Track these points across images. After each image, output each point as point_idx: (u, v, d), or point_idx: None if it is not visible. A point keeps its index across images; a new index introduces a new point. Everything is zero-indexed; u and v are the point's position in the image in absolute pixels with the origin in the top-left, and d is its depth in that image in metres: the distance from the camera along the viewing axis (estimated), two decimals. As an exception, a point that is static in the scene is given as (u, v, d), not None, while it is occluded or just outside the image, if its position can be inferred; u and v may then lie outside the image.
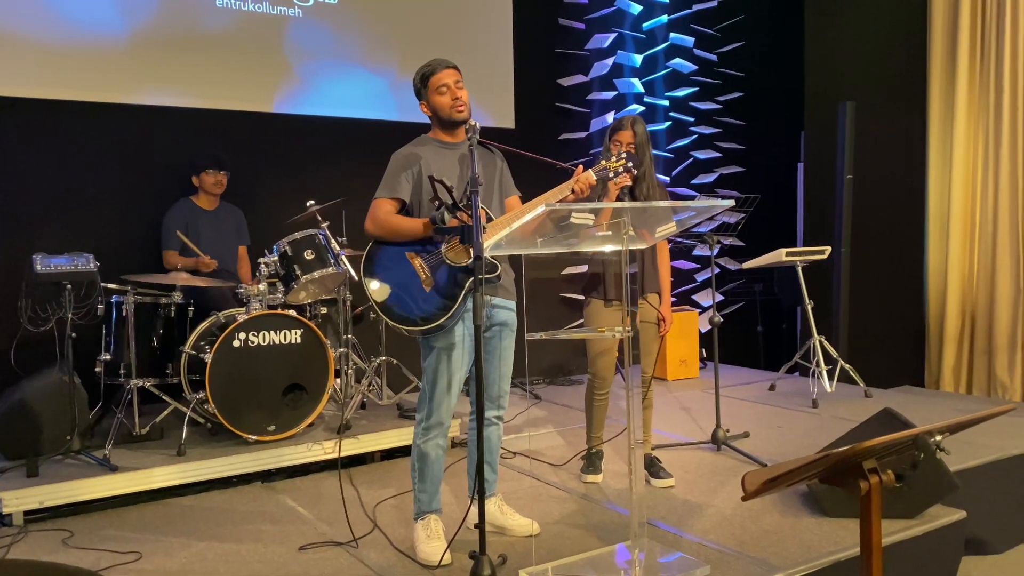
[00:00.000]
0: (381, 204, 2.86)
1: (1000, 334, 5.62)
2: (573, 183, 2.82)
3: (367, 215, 2.87)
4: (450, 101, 2.86)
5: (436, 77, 2.85)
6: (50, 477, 3.46)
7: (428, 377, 2.89)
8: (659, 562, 2.75)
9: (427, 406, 2.89)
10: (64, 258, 3.68)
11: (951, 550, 3.19)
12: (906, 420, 3.21)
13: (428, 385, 2.89)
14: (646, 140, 3.51)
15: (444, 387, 2.86)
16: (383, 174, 2.91)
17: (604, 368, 3.63)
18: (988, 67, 5.70)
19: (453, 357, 2.85)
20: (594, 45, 6.62)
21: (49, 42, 4.63)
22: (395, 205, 2.87)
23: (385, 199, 2.87)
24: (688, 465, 3.91)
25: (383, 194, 2.87)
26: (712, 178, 7.16)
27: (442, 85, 2.85)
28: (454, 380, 2.87)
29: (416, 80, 2.91)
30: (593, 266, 3.60)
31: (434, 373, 2.87)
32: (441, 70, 2.86)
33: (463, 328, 2.86)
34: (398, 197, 2.86)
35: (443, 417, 2.90)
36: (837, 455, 1.72)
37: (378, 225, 2.85)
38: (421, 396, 2.93)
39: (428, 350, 2.88)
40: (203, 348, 3.96)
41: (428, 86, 2.87)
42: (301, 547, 3.01)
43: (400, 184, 2.86)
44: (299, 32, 5.37)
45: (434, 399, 2.87)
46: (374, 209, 2.87)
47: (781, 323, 7.47)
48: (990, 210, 5.70)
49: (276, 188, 5.25)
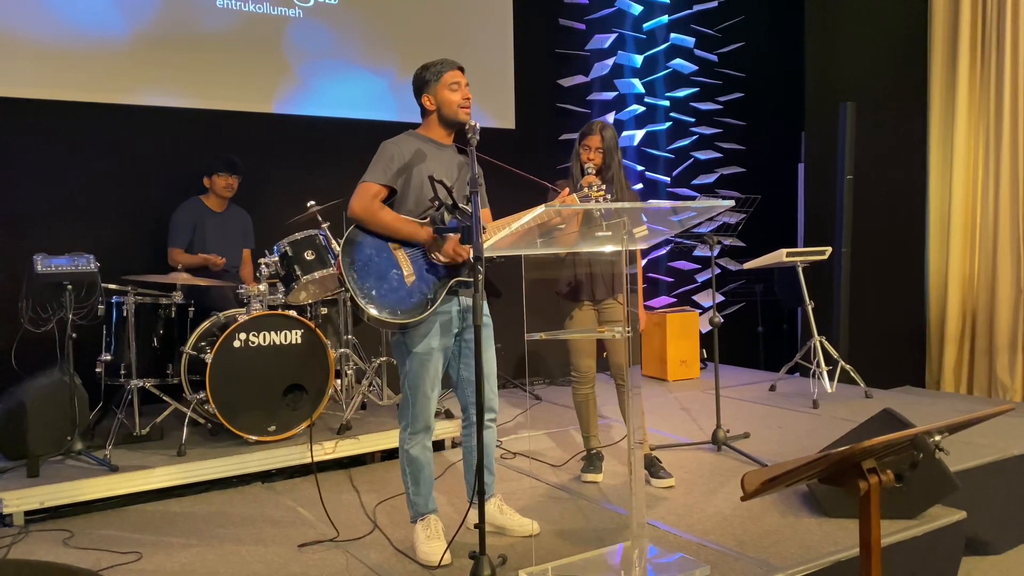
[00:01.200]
0: (369, 188, 2.83)
1: (1001, 334, 5.62)
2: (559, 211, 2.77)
3: (354, 196, 2.83)
4: (460, 99, 2.87)
5: (450, 73, 2.86)
6: (51, 477, 3.46)
7: (409, 382, 2.87)
8: (659, 562, 2.75)
9: (411, 411, 2.88)
10: (64, 258, 3.68)
11: (951, 551, 3.18)
12: (906, 421, 3.21)
13: (409, 391, 2.87)
14: (615, 145, 3.60)
15: (426, 391, 2.86)
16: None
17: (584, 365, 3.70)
18: (989, 68, 5.70)
19: (431, 362, 2.85)
20: (594, 46, 6.62)
21: (50, 43, 4.63)
22: (383, 191, 2.84)
23: (375, 183, 2.83)
24: (688, 465, 3.91)
25: (375, 178, 2.83)
26: (712, 178, 7.16)
27: (454, 82, 2.86)
28: (435, 383, 2.87)
29: (425, 73, 2.89)
30: (566, 268, 3.65)
31: (415, 378, 2.85)
32: (454, 68, 2.88)
33: (439, 330, 2.85)
34: (389, 184, 2.84)
35: (429, 420, 2.90)
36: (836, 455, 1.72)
37: (368, 213, 2.81)
38: (403, 402, 2.91)
39: (406, 356, 2.86)
40: (203, 348, 3.96)
41: (440, 80, 2.86)
42: (300, 545, 3.02)
43: (393, 172, 2.84)
44: (299, 32, 5.38)
45: (417, 404, 2.86)
46: (362, 192, 2.82)
47: (781, 324, 7.47)
48: (991, 210, 5.70)
49: (276, 188, 5.25)
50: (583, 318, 3.66)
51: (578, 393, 3.74)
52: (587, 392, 3.73)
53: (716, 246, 4.21)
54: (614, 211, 2.58)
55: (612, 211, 2.59)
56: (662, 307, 6.77)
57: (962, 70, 5.80)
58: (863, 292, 5.80)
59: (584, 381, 3.72)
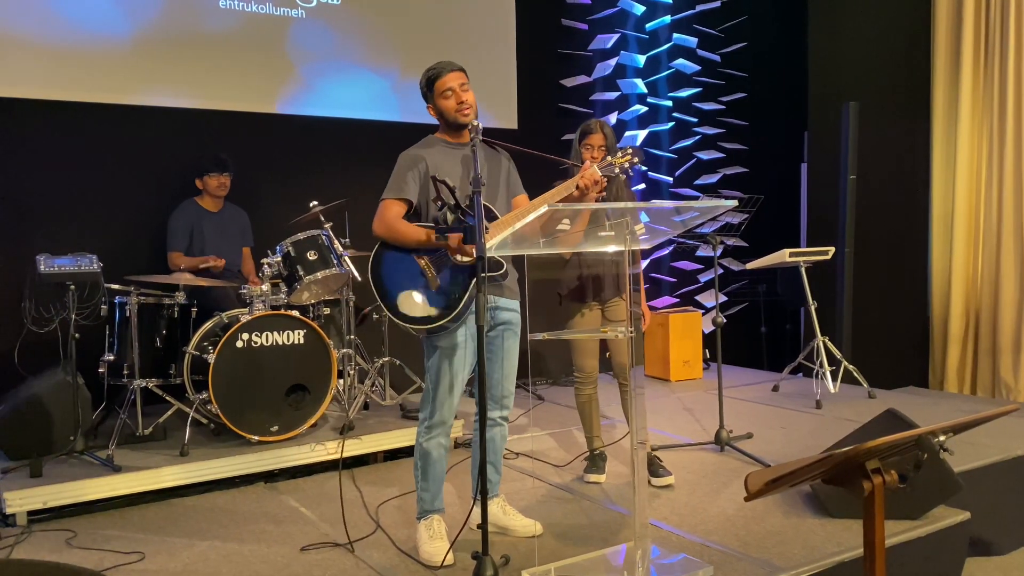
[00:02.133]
0: (389, 206, 2.87)
1: (1004, 335, 5.60)
2: (578, 179, 2.83)
3: (376, 216, 2.88)
4: (455, 105, 2.86)
5: (441, 81, 2.85)
6: (54, 477, 3.46)
7: (431, 377, 2.90)
8: (662, 563, 2.75)
9: (430, 405, 2.90)
10: (68, 259, 3.69)
11: (955, 551, 3.18)
12: (910, 421, 3.20)
13: (431, 385, 2.90)
14: (615, 142, 3.61)
15: (447, 387, 2.87)
16: (390, 174, 2.91)
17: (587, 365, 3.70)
18: (992, 67, 5.68)
19: (455, 358, 2.85)
20: (597, 46, 6.62)
21: (53, 44, 4.64)
22: (403, 206, 2.87)
23: (392, 200, 2.87)
24: (691, 466, 3.90)
25: (390, 195, 2.87)
26: (715, 179, 7.16)
27: (447, 89, 2.85)
28: (457, 380, 2.88)
29: (422, 83, 2.91)
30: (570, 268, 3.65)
31: (437, 373, 2.87)
32: (446, 73, 2.85)
33: (466, 329, 2.86)
34: (405, 198, 2.86)
35: (446, 416, 2.90)
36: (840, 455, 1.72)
37: (386, 228, 2.85)
38: (424, 396, 2.94)
39: (431, 350, 2.89)
40: (206, 348, 3.96)
41: (434, 90, 2.87)
42: (303, 547, 3.01)
43: (407, 185, 2.86)
44: (302, 33, 5.38)
45: (437, 399, 2.88)
46: (382, 211, 2.87)
47: (784, 324, 7.46)
48: (994, 210, 5.68)
49: (279, 189, 5.26)
50: (589, 319, 3.66)
51: (581, 393, 3.74)
52: (590, 392, 3.73)
53: (719, 246, 4.21)
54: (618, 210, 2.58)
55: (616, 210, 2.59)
56: (665, 307, 6.76)
57: (965, 69, 5.78)
58: (866, 292, 5.79)
59: (587, 381, 3.71)
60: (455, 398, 2.90)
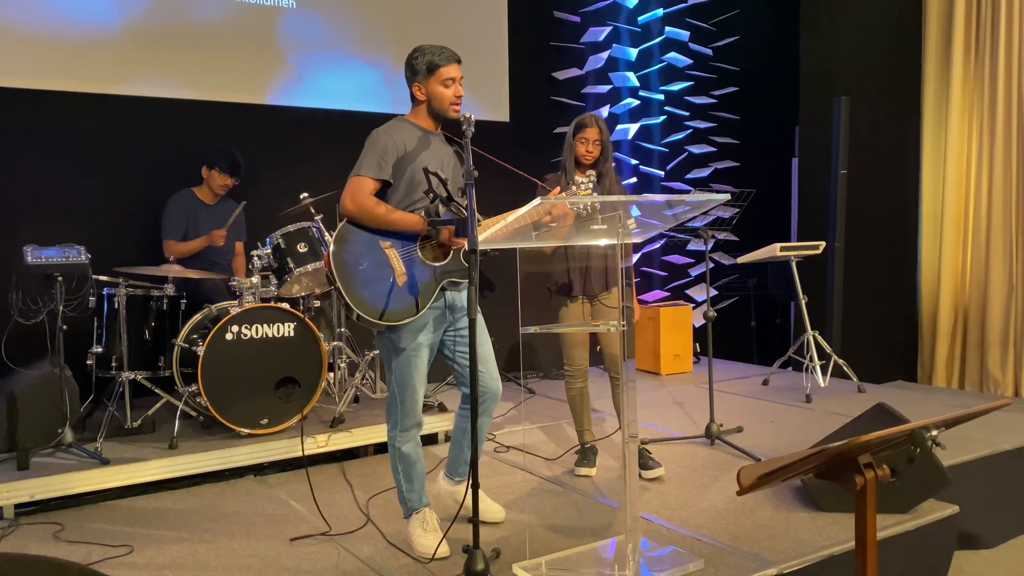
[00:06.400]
0: (364, 183, 2.75)
1: (993, 330, 5.64)
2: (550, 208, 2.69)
3: (346, 192, 2.76)
4: (452, 96, 2.83)
5: (445, 68, 2.81)
6: (41, 470, 3.44)
7: (398, 380, 2.82)
8: (652, 556, 2.75)
9: (400, 408, 2.83)
10: (55, 250, 3.66)
11: (944, 545, 3.20)
12: (900, 415, 3.22)
13: (398, 389, 2.82)
14: (609, 137, 3.63)
15: (415, 387, 2.83)
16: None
17: (578, 358, 3.70)
18: (983, 63, 5.70)
19: (420, 356, 2.81)
20: (589, 39, 6.60)
21: (41, 32, 4.59)
22: (377, 186, 2.78)
23: (369, 179, 2.76)
24: (681, 459, 3.91)
25: (368, 173, 2.76)
26: (707, 173, 7.16)
27: (448, 78, 2.82)
28: (421, 379, 2.83)
29: (418, 62, 2.83)
30: (558, 262, 3.65)
31: (404, 375, 2.81)
32: (450, 63, 2.83)
33: (429, 327, 2.82)
34: (383, 179, 2.78)
35: (419, 416, 2.87)
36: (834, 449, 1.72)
37: (364, 211, 2.74)
38: (391, 403, 2.86)
39: (394, 353, 2.81)
40: (195, 341, 3.94)
41: (434, 74, 2.82)
42: (292, 539, 3.00)
43: (387, 165, 2.78)
44: (293, 23, 5.34)
45: (407, 401, 2.82)
46: (356, 188, 2.74)
47: (775, 318, 7.48)
48: (984, 205, 5.71)
49: (269, 180, 5.22)
50: (576, 312, 3.66)
51: (571, 387, 3.74)
52: (580, 386, 3.73)
53: (710, 240, 4.21)
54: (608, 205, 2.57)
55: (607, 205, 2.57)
56: (655, 301, 6.77)
57: (956, 65, 5.80)
58: (856, 287, 5.81)
59: (577, 375, 3.72)
60: (421, 395, 2.85)
